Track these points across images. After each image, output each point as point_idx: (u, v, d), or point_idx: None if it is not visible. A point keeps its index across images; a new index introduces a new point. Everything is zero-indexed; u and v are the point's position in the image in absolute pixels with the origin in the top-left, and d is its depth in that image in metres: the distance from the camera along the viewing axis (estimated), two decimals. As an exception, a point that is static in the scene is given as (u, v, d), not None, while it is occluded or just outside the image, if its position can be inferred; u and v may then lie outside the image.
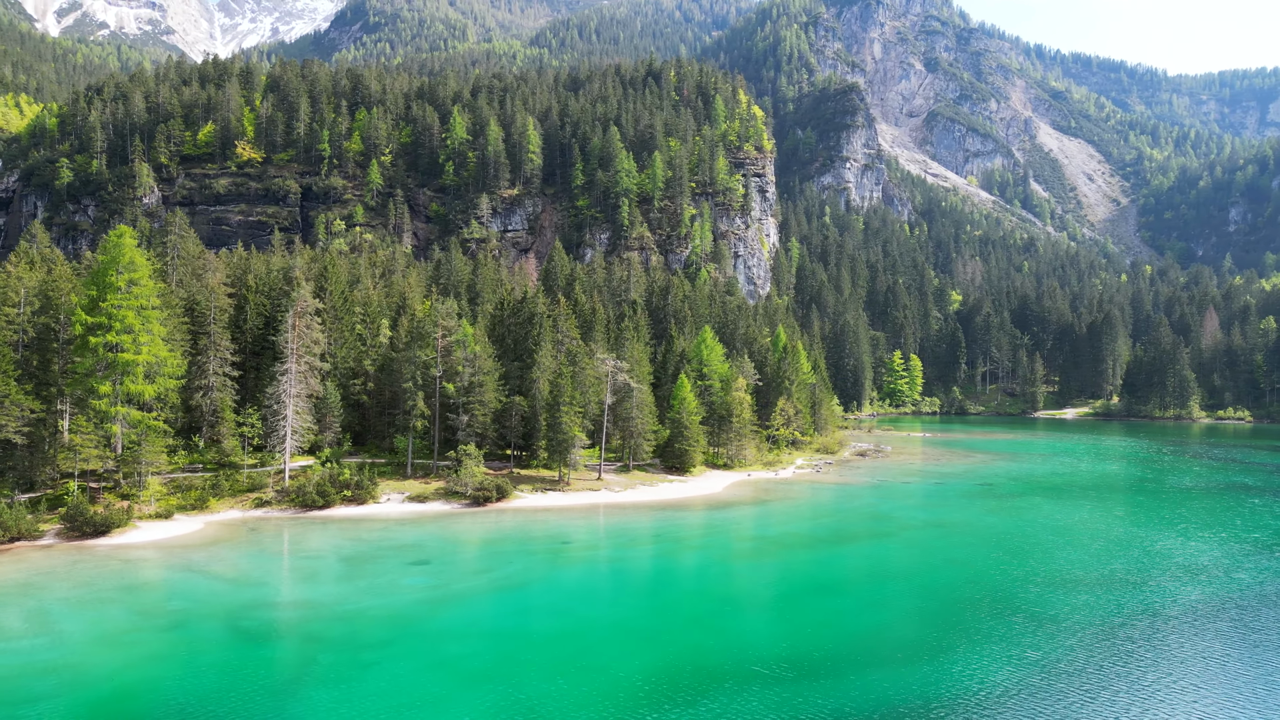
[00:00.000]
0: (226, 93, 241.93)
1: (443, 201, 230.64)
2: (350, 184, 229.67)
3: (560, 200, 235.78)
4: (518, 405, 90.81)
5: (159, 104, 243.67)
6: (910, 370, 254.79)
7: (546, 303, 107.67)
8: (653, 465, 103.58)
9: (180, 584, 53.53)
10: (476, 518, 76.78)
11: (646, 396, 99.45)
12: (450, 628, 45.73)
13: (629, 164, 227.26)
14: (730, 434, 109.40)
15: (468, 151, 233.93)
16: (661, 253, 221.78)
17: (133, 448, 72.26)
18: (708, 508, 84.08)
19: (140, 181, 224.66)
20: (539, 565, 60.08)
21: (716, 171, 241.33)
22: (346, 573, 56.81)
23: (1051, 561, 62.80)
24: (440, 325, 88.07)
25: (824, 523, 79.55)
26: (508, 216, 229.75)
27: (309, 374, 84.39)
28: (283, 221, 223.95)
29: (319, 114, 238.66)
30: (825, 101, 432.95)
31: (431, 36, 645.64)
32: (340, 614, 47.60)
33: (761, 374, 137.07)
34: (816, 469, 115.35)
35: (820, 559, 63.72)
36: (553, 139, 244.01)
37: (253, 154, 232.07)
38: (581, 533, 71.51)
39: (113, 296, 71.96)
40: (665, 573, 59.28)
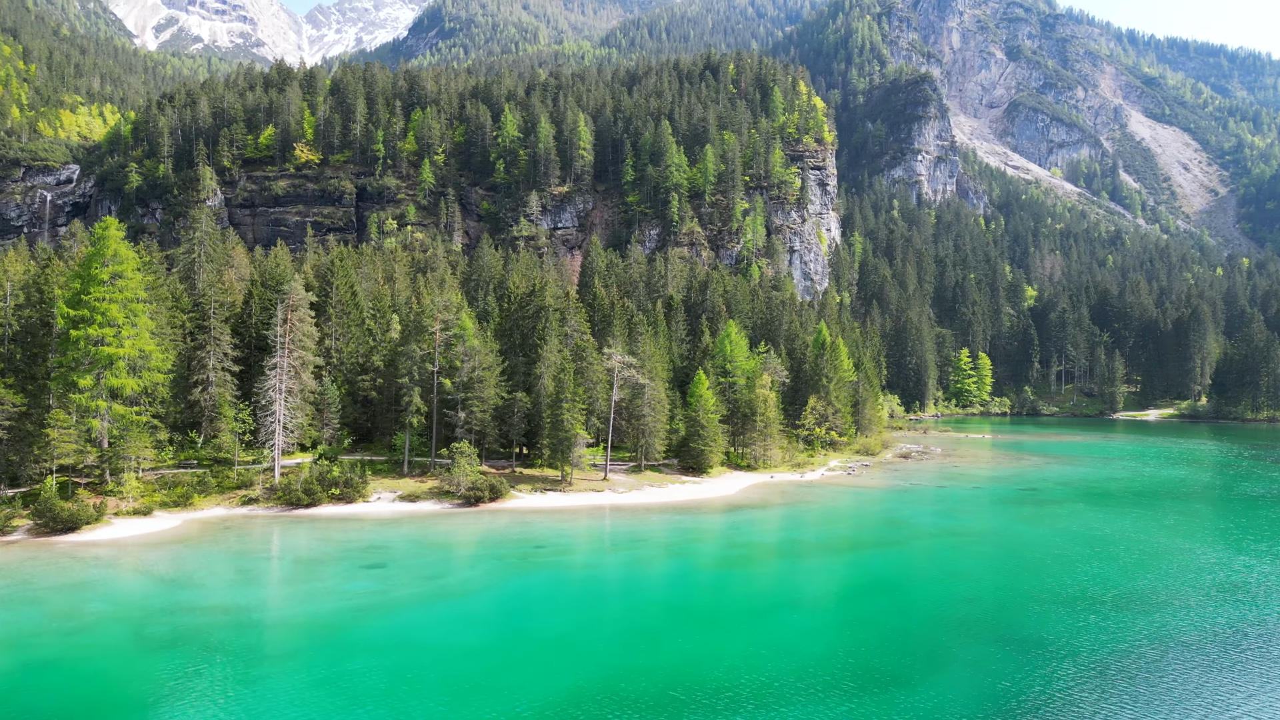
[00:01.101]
0: (287, 96, 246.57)
1: (493, 200, 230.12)
2: (404, 184, 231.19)
3: (611, 197, 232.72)
4: (520, 402, 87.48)
5: (224, 109, 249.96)
6: (978, 369, 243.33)
7: (556, 296, 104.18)
8: (668, 465, 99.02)
9: (116, 585, 51.64)
10: (464, 519, 73.65)
11: (660, 393, 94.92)
12: (365, 639, 42.30)
13: (679, 158, 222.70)
14: (754, 433, 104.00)
15: (519, 149, 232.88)
16: (712, 248, 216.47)
17: (115, 443, 71.42)
18: (711, 511, 79.17)
19: (203, 184, 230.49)
20: (499, 571, 56.37)
21: (772, 164, 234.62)
22: (294, 575, 54.18)
23: (1069, 576, 56.04)
24: (438, 319, 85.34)
25: (829, 529, 73.81)
26: (558, 214, 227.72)
27: (303, 369, 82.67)
28: (338, 222, 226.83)
29: (375, 115, 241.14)
30: (896, 93, 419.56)
31: (503, 40, 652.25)
32: (258, 621, 44.78)
33: (799, 371, 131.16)
34: (849, 471, 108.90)
35: (807, 569, 58.34)
36: (605, 135, 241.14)
37: (310, 156, 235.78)
38: (563, 536, 67.57)
39: (96, 289, 71.21)
40: (630, 581, 54.87)
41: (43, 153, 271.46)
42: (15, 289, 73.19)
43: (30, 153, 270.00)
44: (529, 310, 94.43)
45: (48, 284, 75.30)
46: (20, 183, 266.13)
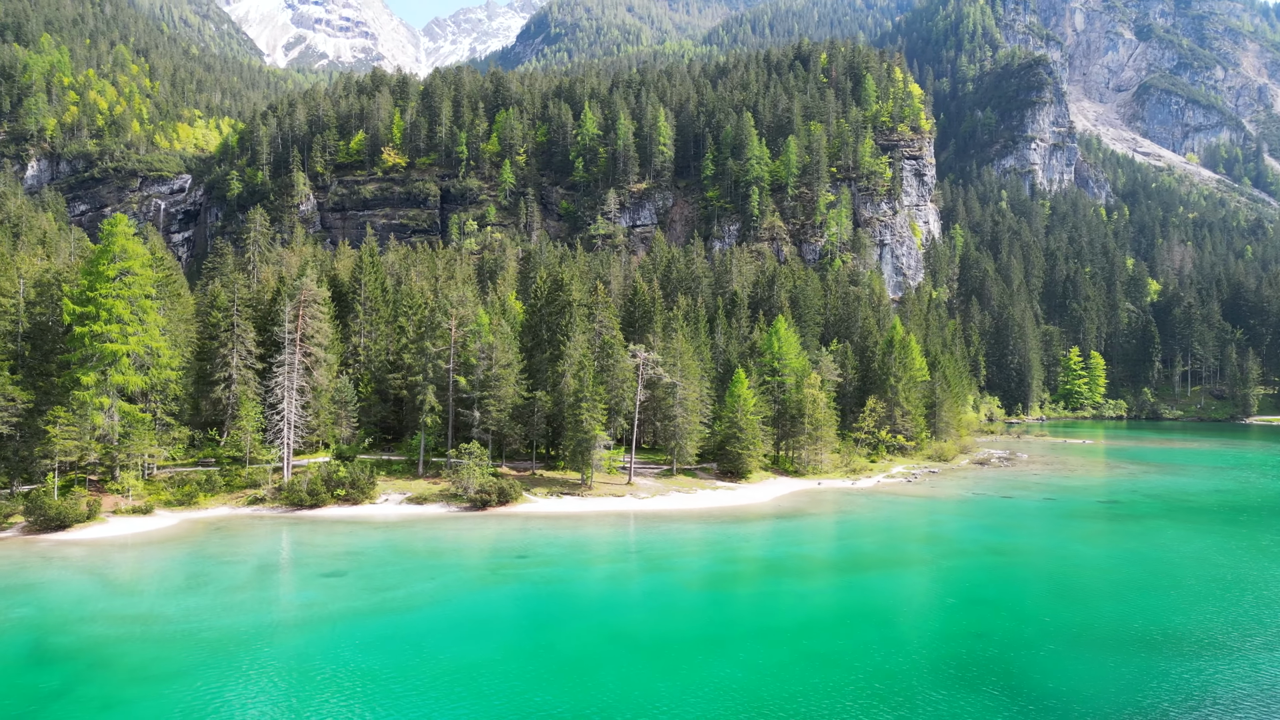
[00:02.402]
0: (376, 102, 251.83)
1: (572, 199, 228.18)
2: (486, 185, 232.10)
3: (691, 193, 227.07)
4: (540, 401, 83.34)
5: (318, 116, 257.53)
6: (1090, 369, 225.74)
7: (584, 291, 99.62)
8: (705, 470, 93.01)
9: (57, 588, 50.00)
10: (465, 523, 69.97)
11: (693, 393, 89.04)
12: (263, 660, 38.66)
13: (761, 150, 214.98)
14: (802, 436, 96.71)
15: (598, 147, 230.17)
16: (794, 243, 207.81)
17: (119, 440, 71.08)
18: (733, 520, 72.87)
19: (297, 189, 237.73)
20: (459, 584, 52.16)
21: (861, 155, 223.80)
22: (245, 583, 51.37)
23: (1113, 608, 47.50)
24: (453, 315, 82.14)
25: (850, 544, 66.40)
26: (636, 211, 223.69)
27: (316, 366, 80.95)
28: (422, 223, 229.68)
29: (460, 118, 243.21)
30: (1008, 78, 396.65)
31: (606, 43, 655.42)
32: (169, 634, 41.83)
33: (867, 371, 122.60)
34: (911, 478, 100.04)
35: (798, 592, 51.61)
36: (687, 130, 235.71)
37: (397, 159, 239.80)
38: (554, 545, 62.85)
39: (102, 286, 71.08)
40: (594, 600, 49.59)
41: (158, 164, 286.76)
42: (28, 286, 73.88)
43: (146, 164, 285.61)
44: (555, 306, 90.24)
45: (59, 281, 75.91)
46: (137, 192, 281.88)
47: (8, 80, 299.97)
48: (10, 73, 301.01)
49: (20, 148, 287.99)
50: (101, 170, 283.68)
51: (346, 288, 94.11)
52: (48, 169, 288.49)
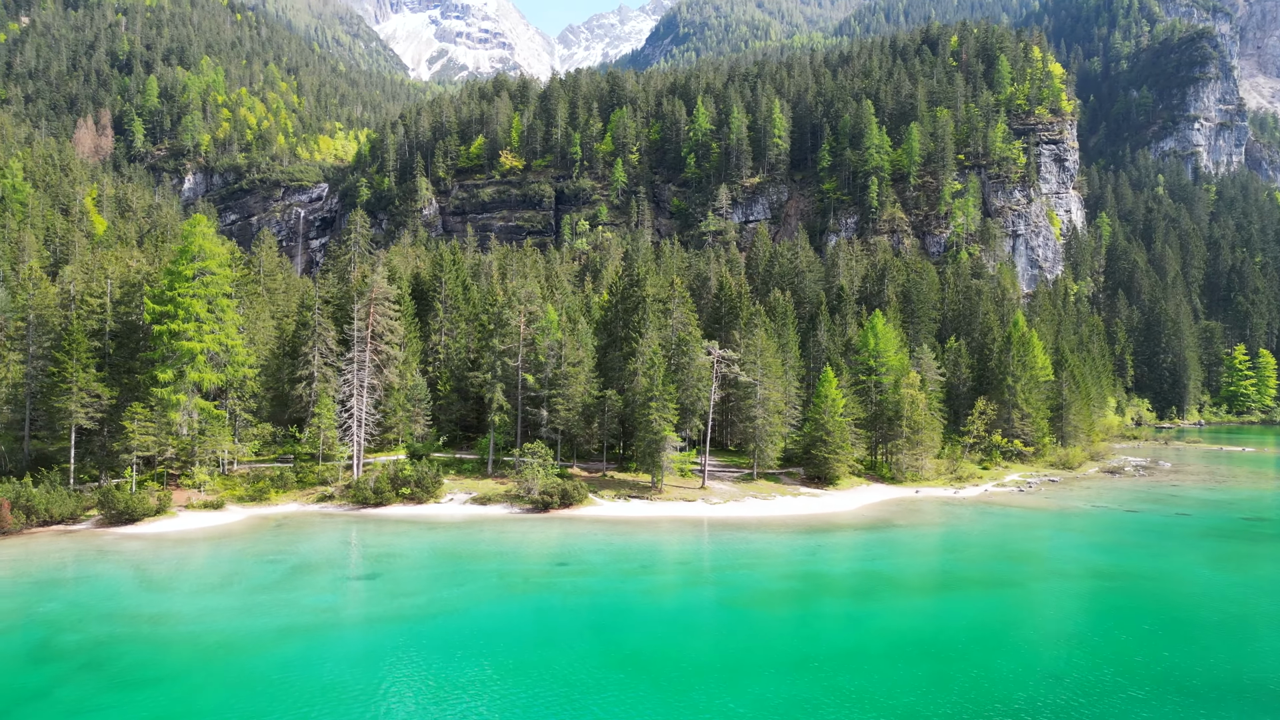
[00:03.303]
0: (495, 106, 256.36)
1: (684, 195, 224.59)
2: (599, 185, 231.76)
3: (807, 186, 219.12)
4: (610, 400, 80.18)
5: (441, 123, 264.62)
6: (1259, 369, 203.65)
7: (659, 287, 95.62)
8: (790, 475, 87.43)
9: (97, 582, 50.56)
10: (522, 526, 67.63)
11: (774, 393, 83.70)
12: (251, 669, 37.08)
13: (880, 139, 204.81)
14: (900, 440, 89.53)
15: (711, 143, 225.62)
16: (916, 235, 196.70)
17: (194, 436, 72.69)
18: (806, 530, 67.38)
19: (420, 195, 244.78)
20: (487, 591, 49.50)
21: (991, 140, 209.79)
22: (275, 583, 50.51)
23: (1227, 649, 39.78)
24: (521, 311, 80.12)
25: (934, 560, 59.73)
26: (749, 206, 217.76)
27: (387, 364, 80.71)
28: (536, 225, 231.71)
29: (575, 119, 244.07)
30: (1166, 54, 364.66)
31: (734, 40, 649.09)
32: (174, 635, 41.05)
33: (983, 370, 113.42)
34: (1024, 488, 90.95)
35: (855, 615, 46.06)
36: (803, 122, 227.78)
37: (514, 162, 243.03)
38: (603, 552, 59.45)
39: (180, 285, 72.95)
40: (622, 614, 45.74)
41: (299, 174, 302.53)
42: (114, 287, 76.77)
43: (289, 174, 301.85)
44: (630, 302, 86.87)
45: (146, 282, 78.52)
46: (280, 202, 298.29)
47: (169, 101, 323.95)
48: (172, 94, 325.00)
49: (178, 162, 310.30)
50: (249, 182, 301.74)
51: (427, 286, 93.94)
52: (202, 182, 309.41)
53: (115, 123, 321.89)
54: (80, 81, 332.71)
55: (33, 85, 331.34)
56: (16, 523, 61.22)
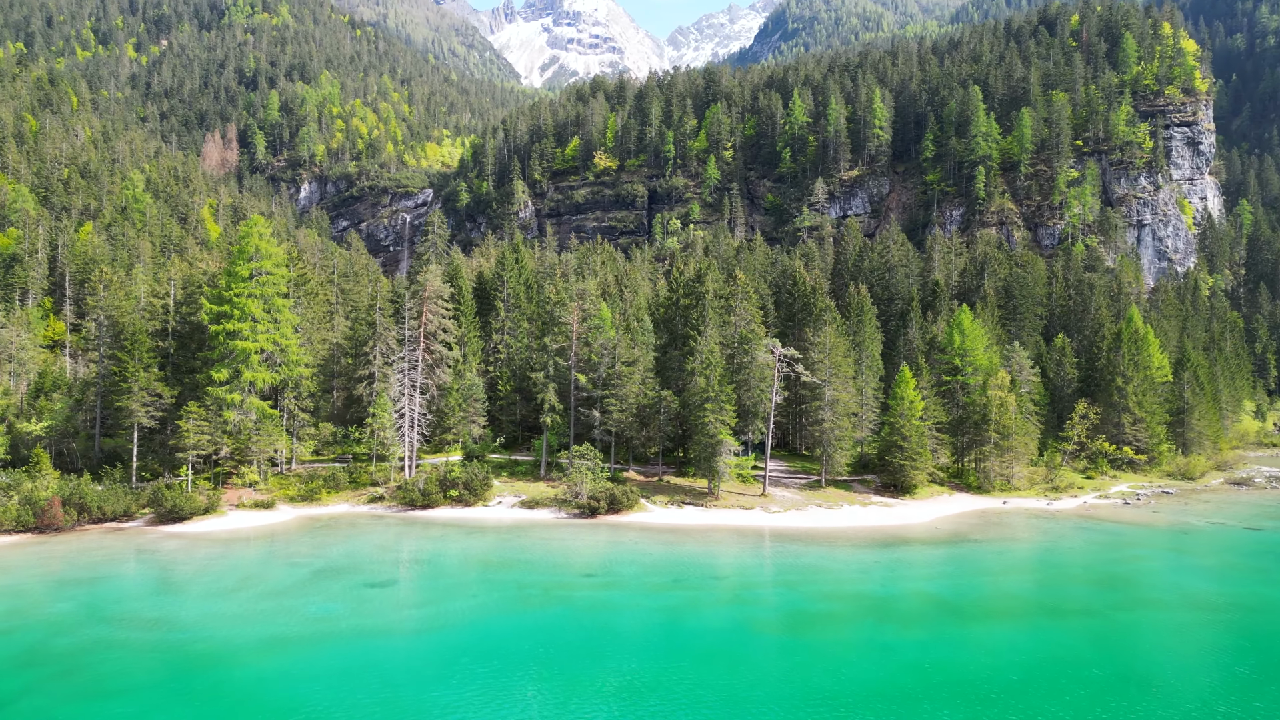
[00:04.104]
0: (590, 108, 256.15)
1: (778, 191, 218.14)
2: (692, 183, 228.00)
3: (910, 177, 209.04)
4: (666, 401, 76.40)
5: (538, 126, 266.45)
6: None
7: (721, 282, 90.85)
8: (865, 482, 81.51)
9: (117, 582, 50.46)
10: (565, 532, 64.75)
11: (843, 394, 78.05)
12: (223, 683, 35.37)
13: (988, 126, 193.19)
14: (986, 446, 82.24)
15: (807, 136, 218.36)
16: (1027, 226, 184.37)
17: (247, 435, 73.02)
18: (870, 544, 61.87)
19: (516, 198, 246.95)
20: (498, 604, 46.66)
21: (1114, 124, 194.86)
22: (288, 587, 49.17)
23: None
24: (574, 309, 77.32)
25: (1004, 582, 53.27)
26: (847, 200, 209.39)
27: (440, 364, 79.38)
28: (629, 225, 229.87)
29: (670, 118, 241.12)
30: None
31: (844, 33, 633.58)
32: (163, 642, 39.85)
33: (1091, 370, 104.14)
34: (1131, 500, 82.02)
35: (891, 645, 40.75)
36: (907, 112, 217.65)
37: (608, 163, 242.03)
38: (636, 563, 55.80)
39: (237, 285, 73.47)
40: (633, 636, 41.96)
41: (405, 180, 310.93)
42: (177, 288, 78.12)
43: (395, 181, 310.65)
44: (691, 299, 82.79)
45: (211, 282, 79.60)
46: (388, 208, 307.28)
47: (289, 114, 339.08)
48: (291, 107, 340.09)
49: (295, 172, 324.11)
50: (359, 189, 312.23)
51: (490, 285, 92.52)
52: (316, 190, 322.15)
53: (240, 136, 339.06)
54: (210, 98, 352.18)
55: (167, 103, 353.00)
56: (68, 519, 62.43)
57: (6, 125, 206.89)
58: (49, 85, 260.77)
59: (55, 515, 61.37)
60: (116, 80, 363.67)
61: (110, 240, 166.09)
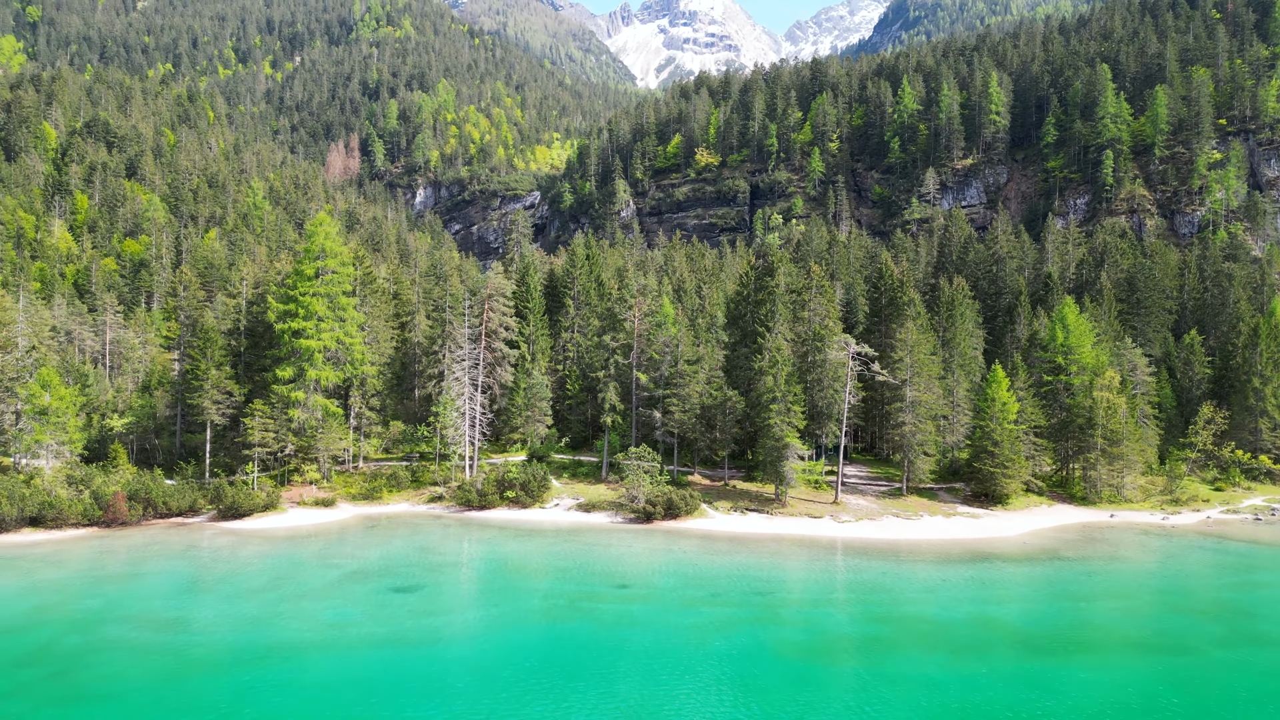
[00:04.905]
0: (693, 104, 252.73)
1: (887, 183, 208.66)
2: (795, 177, 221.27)
3: (1030, 165, 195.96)
4: (731, 401, 72.34)
5: (641, 125, 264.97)
6: None
7: (794, 273, 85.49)
8: (953, 491, 75.13)
9: (150, 579, 50.62)
10: (617, 537, 61.85)
11: (926, 394, 72.01)
12: (209, 691, 34.15)
13: (1117, 106, 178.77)
14: (1093, 453, 74.39)
15: (918, 124, 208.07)
16: (1162, 214, 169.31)
17: (311, 433, 73.40)
18: (946, 560, 56.23)
19: (618, 197, 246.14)
20: (518, 614, 44.17)
21: (1263, 100, 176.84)
22: (314, 590, 48.22)
23: None
24: (635, 306, 74.27)
25: (1090, 608, 46.80)
26: (960, 191, 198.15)
27: (501, 363, 77.90)
28: (730, 222, 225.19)
29: (773, 111, 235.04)
30: None
31: (969, 18, 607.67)
32: (167, 645, 39.11)
33: (1224, 370, 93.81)
34: (1265, 515, 72.42)
35: (940, 681, 35.72)
36: (1027, 95, 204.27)
37: (710, 159, 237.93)
38: (680, 575, 52.27)
39: (302, 284, 74.04)
40: (646, 659, 38.41)
41: (514, 184, 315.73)
42: (249, 288, 79.45)
43: (505, 185, 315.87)
44: (761, 294, 78.25)
45: (283, 282, 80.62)
46: (496, 211, 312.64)
47: (406, 122, 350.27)
48: (409, 115, 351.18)
49: (411, 178, 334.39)
50: (470, 193, 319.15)
51: (560, 283, 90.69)
52: (431, 195, 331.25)
53: (361, 145, 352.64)
54: (336, 110, 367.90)
55: (297, 116, 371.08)
56: (134, 514, 63.89)
57: (146, 140, 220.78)
58: (188, 102, 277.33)
59: (120, 510, 62.86)
60: (253, 95, 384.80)
61: (230, 246, 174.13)
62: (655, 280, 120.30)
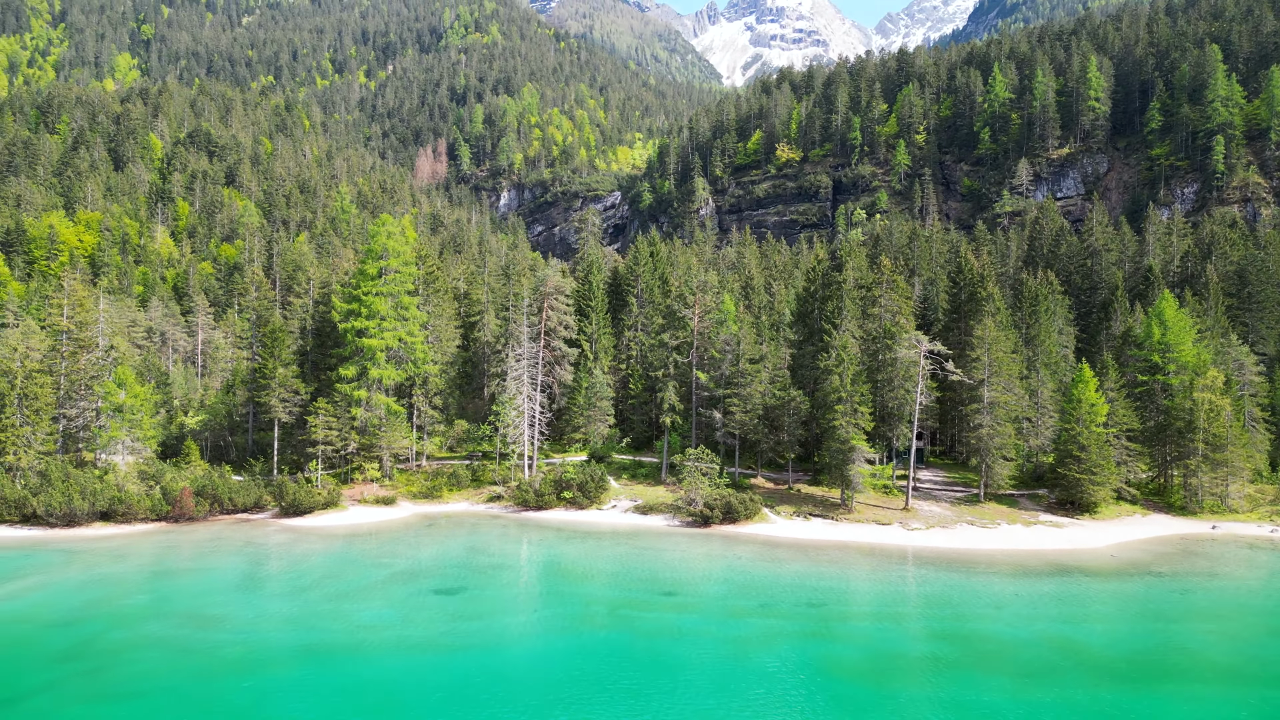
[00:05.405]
0: (774, 99, 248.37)
1: (976, 175, 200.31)
2: (879, 170, 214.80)
3: (1133, 153, 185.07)
4: (795, 402, 69.43)
5: (721, 122, 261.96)
6: None
7: (864, 268, 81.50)
8: (1036, 498, 70.46)
9: (202, 575, 51.16)
10: (672, 541, 59.91)
11: (1004, 395, 67.59)
12: (229, 693, 33.78)
13: (1229, 89, 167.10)
14: (1193, 459, 68.62)
15: (1010, 113, 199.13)
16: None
17: (373, 431, 73.74)
18: (1023, 572, 52.27)
19: (697, 195, 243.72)
20: (555, 621, 42.78)
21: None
22: (357, 590, 47.87)
23: None
24: (694, 304, 72.08)
25: (1179, 631, 42.40)
26: (1056, 181, 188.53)
27: (560, 361, 76.82)
28: (811, 218, 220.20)
29: (857, 103, 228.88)
30: None
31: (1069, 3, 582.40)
32: (202, 644, 39.00)
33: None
34: (1394, 532, 65.48)
35: (995, 708, 32.61)
36: (1129, 80, 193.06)
37: (791, 155, 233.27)
38: (731, 583, 49.94)
39: (365, 284, 74.53)
40: (673, 671, 36.25)
41: (594, 184, 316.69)
42: (316, 288, 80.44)
43: (586, 185, 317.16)
44: (829, 290, 74.90)
45: (349, 283, 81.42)
46: (578, 211, 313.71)
47: (491, 126, 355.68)
48: (494, 119, 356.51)
49: (495, 181, 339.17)
50: (552, 195, 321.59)
51: (624, 281, 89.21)
52: (515, 198, 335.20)
53: (449, 150, 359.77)
54: (425, 116, 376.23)
55: (389, 122, 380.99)
56: (200, 510, 65.18)
57: (245, 148, 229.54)
58: (285, 111, 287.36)
59: (187, 506, 64.19)
60: (347, 104, 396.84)
61: (318, 249, 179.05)
62: (724, 278, 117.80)
